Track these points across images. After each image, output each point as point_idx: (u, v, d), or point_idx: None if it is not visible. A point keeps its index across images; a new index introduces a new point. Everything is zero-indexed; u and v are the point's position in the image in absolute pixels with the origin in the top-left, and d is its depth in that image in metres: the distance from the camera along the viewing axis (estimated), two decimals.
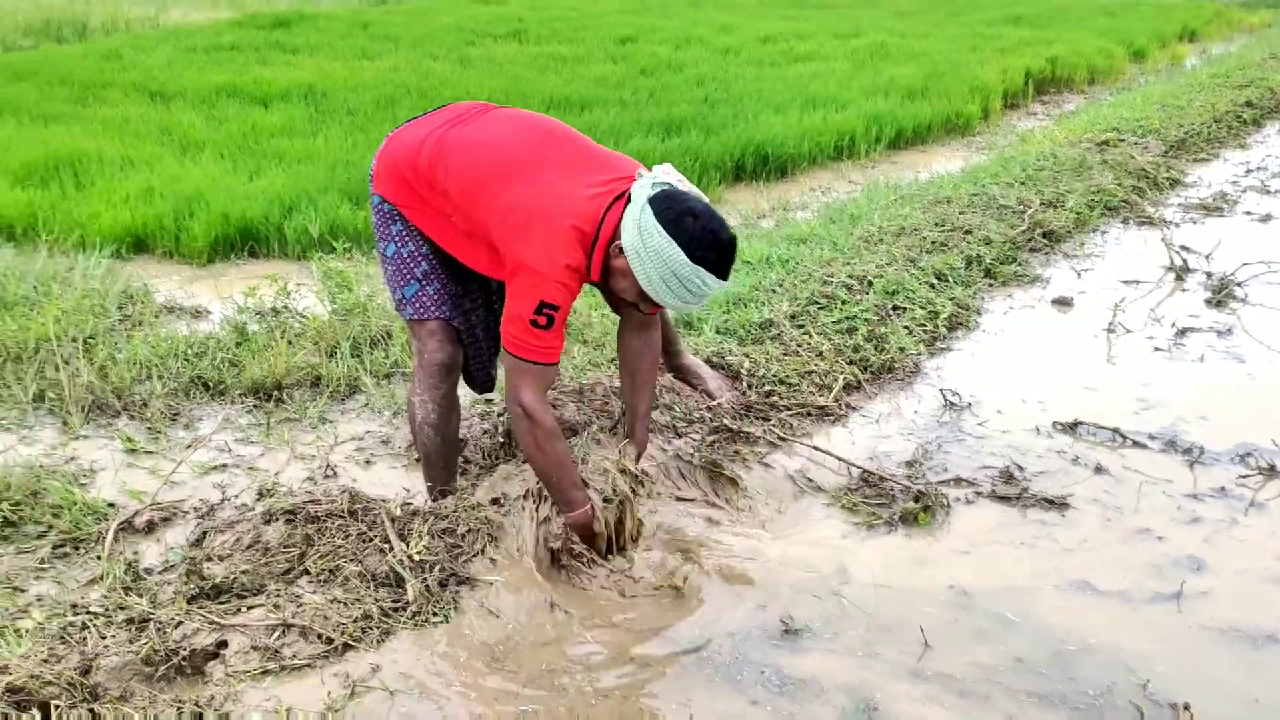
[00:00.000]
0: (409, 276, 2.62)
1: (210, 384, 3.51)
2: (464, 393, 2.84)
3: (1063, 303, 4.37)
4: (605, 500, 2.59)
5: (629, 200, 2.36)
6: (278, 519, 2.56)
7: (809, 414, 3.38)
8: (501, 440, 3.05)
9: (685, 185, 2.41)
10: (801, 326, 3.85)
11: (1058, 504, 2.87)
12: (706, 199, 2.40)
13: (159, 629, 2.16)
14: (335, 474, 3.03)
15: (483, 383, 2.88)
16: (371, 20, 12.65)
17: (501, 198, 2.38)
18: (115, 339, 3.74)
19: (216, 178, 5.59)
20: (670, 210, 2.29)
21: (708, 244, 2.30)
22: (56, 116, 7.04)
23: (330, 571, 2.38)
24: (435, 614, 2.29)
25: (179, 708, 1.97)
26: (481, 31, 11.73)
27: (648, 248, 2.28)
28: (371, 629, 2.24)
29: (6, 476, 2.81)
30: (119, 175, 5.60)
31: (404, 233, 2.61)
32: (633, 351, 2.72)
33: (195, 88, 8.01)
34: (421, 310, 2.63)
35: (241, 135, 6.62)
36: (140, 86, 8.09)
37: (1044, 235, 5.06)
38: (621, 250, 2.34)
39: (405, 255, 2.61)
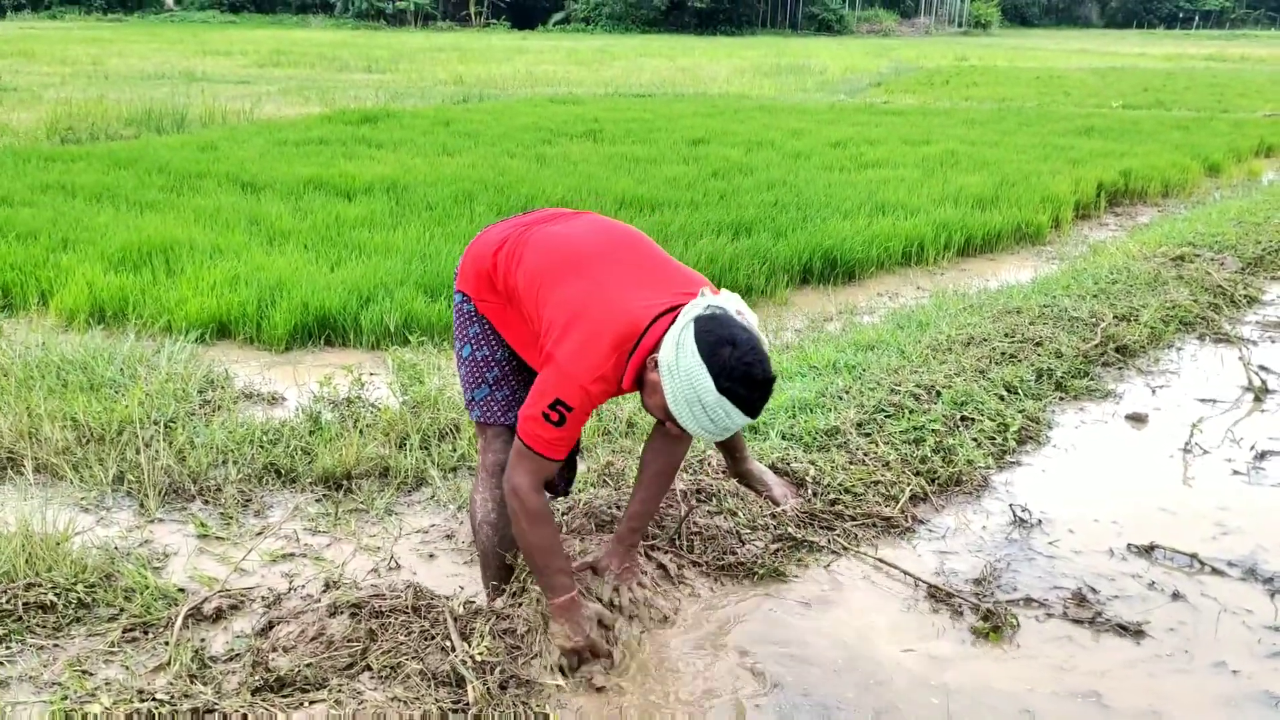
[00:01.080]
0: (480, 380, 2.69)
1: (282, 471, 3.59)
2: None
3: (1137, 419, 4.29)
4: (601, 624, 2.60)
5: (678, 316, 2.35)
6: (342, 612, 2.59)
7: (874, 525, 3.35)
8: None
9: (744, 317, 2.37)
10: (868, 435, 3.83)
11: (1132, 630, 2.79)
12: (758, 335, 2.35)
13: None
14: (399, 567, 3.06)
15: (562, 488, 2.90)
16: (453, 118, 13.13)
17: (558, 291, 2.42)
18: (195, 423, 3.86)
19: (299, 267, 5.79)
20: (711, 334, 2.26)
21: (738, 377, 2.24)
22: (152, 204, 7.37)
23: (392, 668, 2.39)
24: (496, 718, 2.28)
25: None
26: (558, 131, 12.09)
27: (680, 368, 2.25)
28: None
29: (83, 558, 2.89)
30: (208, 263, 5.82)
31: (480, 335, 2.69)
32: (651, 450, 2.79)
33: (284, 179, 8.35)
34: (488, 414, 2.69)
35: (325, 226, 6.86)
36: (233, 177, 8.46)
37: (1117, 350, 4.99)
38: (656, 365, 2.32)
39: (479, 359, 2.68)
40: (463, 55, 27.12)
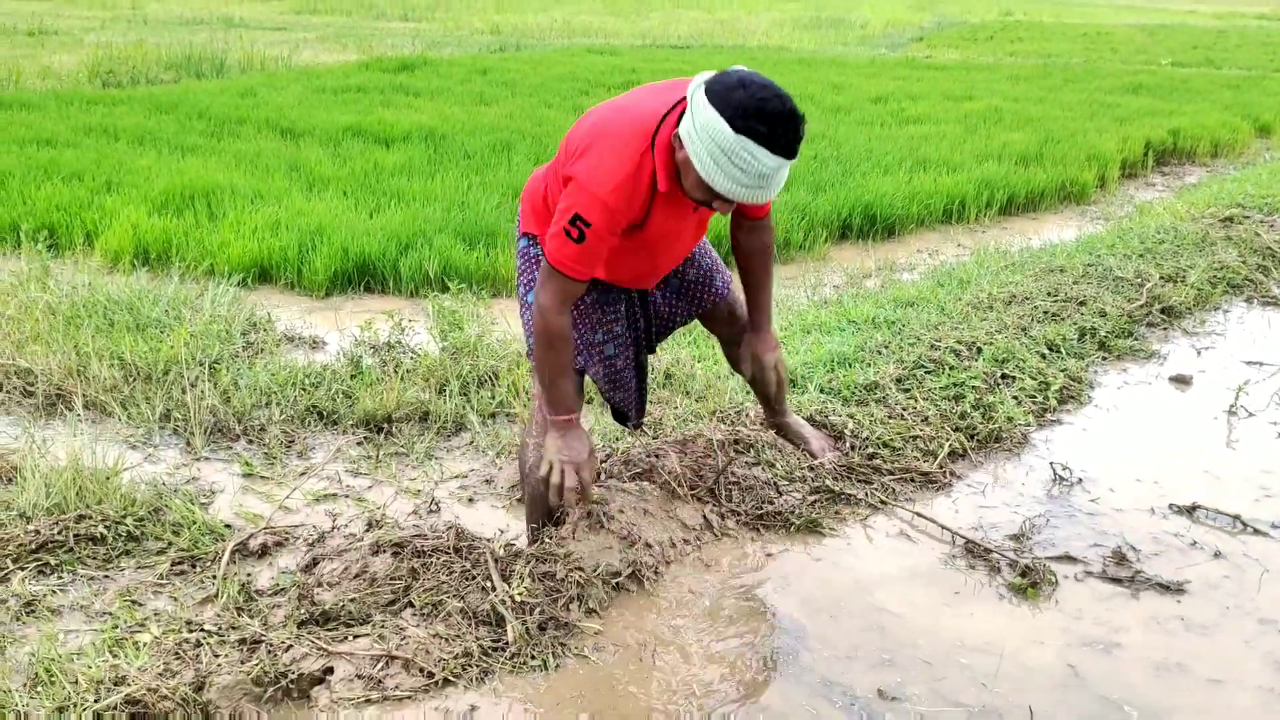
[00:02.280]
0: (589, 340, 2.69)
1: (325, 413, 3.64)
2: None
3: (1181, 381, 4.23)
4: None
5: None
6: (385, 551, 2.63)
7: (912, 479, 3.34)
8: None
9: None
10: (907, 390, 3.80)
11: (1173, 589, 2.77)
12: (774, 83, 2.24)
13: (269, 651, 2.23)
14: (439, 509, 3.10)
15: (636, 422, 2.94)
16: (490, 66, 13.05)
17: (580, 130, 2.40)
18: (239, 365, 3.90)
19: (339, 213, 5.81)
20: (720, 84, 2.19)
21: (753, 112, 2.14)
22: (194, 149, 7.42)
23: (433, 606, 2.43)
24: (533, 657, 2.32)
25: None
26: (595, 81, 11.99)
27: (697, 125, 2.17)
28: (471, 666, 2.28)
29: (132, 493, 2.95)
30: (249, 208, 5.86)
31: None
32: (741, 247, 2.82)
33: (323, 126, 8.36)
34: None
35: (364, 174, 6.88)
36: (272, 123, 8.48)
37: (1162, 310, 4.92)
38: (680, 142, 2.24)
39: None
40: (499, 3, 26.92)
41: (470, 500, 3.19)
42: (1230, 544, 3.00)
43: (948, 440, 3.50)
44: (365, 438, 3.52)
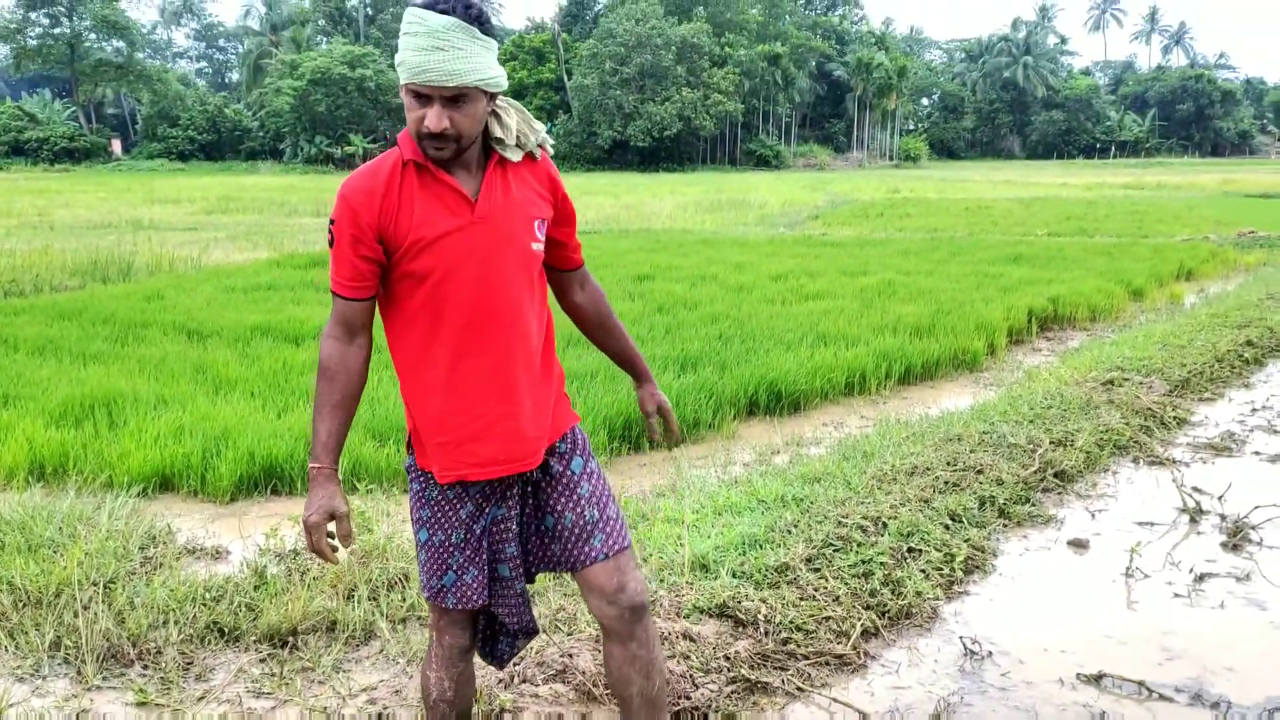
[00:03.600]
0: (444, 567, 2.35)
1: (226, 630, 3.52)
2: None
3: (1078, 545, 4.37)
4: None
5: None
6: None
7: (827, 662, 3.34)
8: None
9: None
10: (817, 570, 3.85)
11: None
12: None
13: None
14: None
15: (502, 652, 2.54)
16: None
17: None
18: (135, 583, 3.77)
19: (246, 415, 5.77)
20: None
21: None
22: (96, 356, 7.34)
23: None
24: None
25: None
26: None
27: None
28: None
29: None
30: (151, 414, 5.78)
31: (435, 514, 2.34)
32: (581, 307, 2.55)
33: (231, 326, 8.38)
34: (455, 598, 2.36)
35: (272, 373, 6.87)
36: (179, 325, 8.48)
37: (1055, 475, 5.11)
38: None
39: (437, 543, 2.35)
40: None
41: (380, 716, 3.09)
42: (1138, 712, 3.05)
43: (859, 620, 3.53)
44: (269, 654, 3.40)
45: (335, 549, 2.26)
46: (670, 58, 64.38)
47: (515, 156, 2.22)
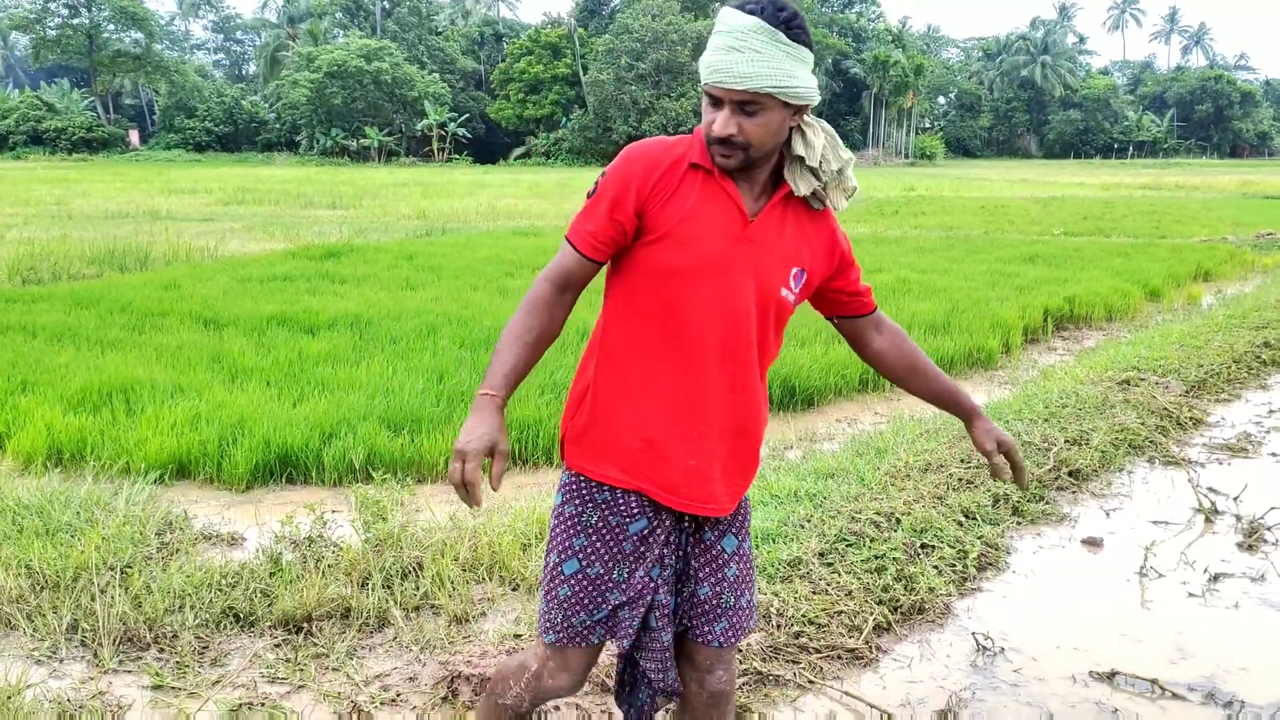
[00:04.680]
0: (598, 603, 2.14)
1: (241, 615, 3.54)
2: None
3: (1092, 543, 4.36)
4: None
5: None
6: None
7: (839, 656, 3.34)
8: None
9: None
10: (830, 565, 3.86)
11: None
12: None
13: None
14: (361, 714, 3.00)
15: (645, 705, 2.31)
16: (416, 251, 13.36)
17: None
18: (152, 568, 3.80)
19: (261, 404, 5.80)
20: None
21: None
22: (114, 343, 7.39)
23: None
24: None
25: None
26: (520, 263, 12.33)
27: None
28: None
29: (35, 713, 2.82)
30: (168, 402, 5.82)
31: (592, 541, 2.13)
32: (881, 351, 2.32)
33: (247, 316, 8.42)
34: (604, 632, 2.17)
35: (288, 363, 6.90)
36: (195, 314, 8.52)
37: (1070, 474, 5.10)
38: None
39: (593, 576, 2.13)
40: (425, 190, 27.71)
41: (394, 700, 3.11)
42: (1150, 710, 3.05)
43: (872, 614, 3.54)
44: (284, 639, 3.43)
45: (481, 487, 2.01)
46: (686, 54, 64.26)
47: (805, 189, 2.06)
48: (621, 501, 2.11)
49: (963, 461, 5.03)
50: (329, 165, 59.41)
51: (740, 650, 3.26)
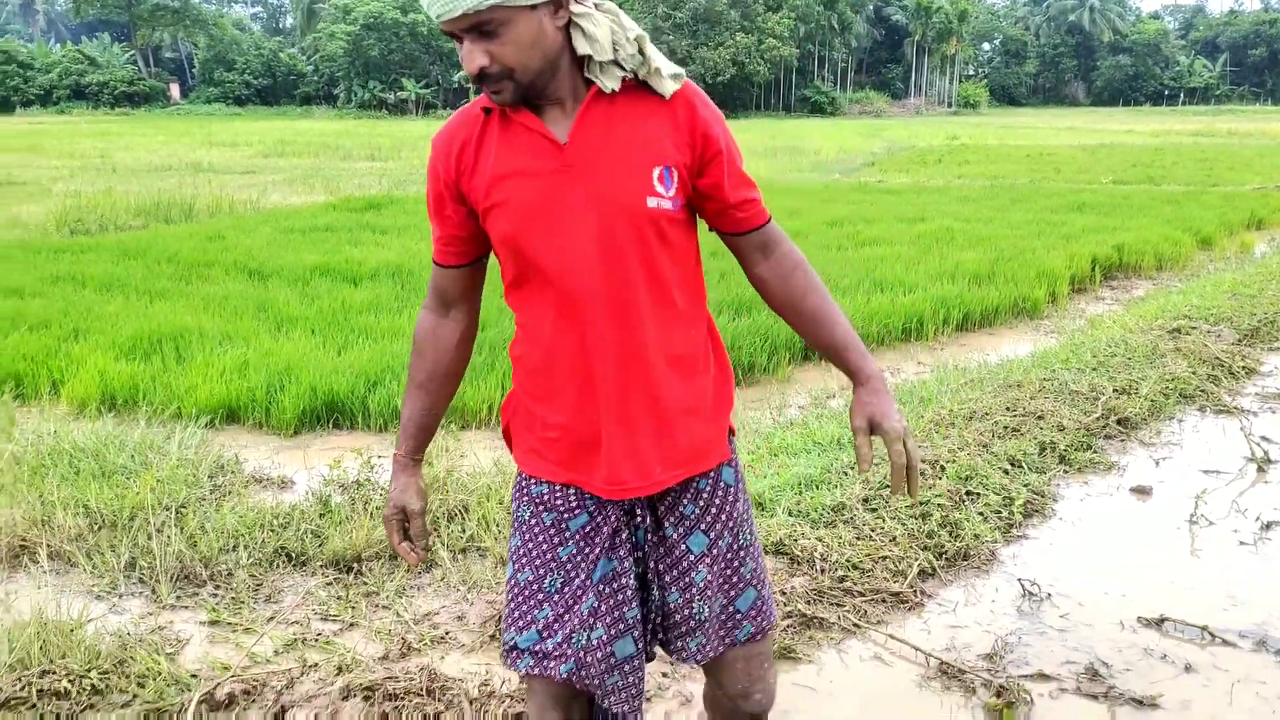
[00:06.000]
0: (528, 618, 1.87)
1: (293, 555, 3.61)
2: None
3: (1141, 491, 4.31)
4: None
5: None
6: (355, 695, 2.59)
7: (884, 600, 3.35)
8: None
9: None
10: (874, 511, 3.85)
11: (1146, 704, 2.78)
12: None
13: None
14: (411, 649, 3.06)
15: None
16: None
17: None
18: (205, 509, 3.89)
19: (307, 352, 5.87)
20: None
21: None
22: (162, 293, 7.49)
23: None
24: None
25: None
26: None
27: None
28: None
29: (97, 645, 2.90)
30: (217, 350, 5.91)
31: (525, 541, 1.90)
32: (770, 285, 1.89)
33: (291, 266, 8.49)
34: (537, 664, 1.87)
35: (332, 312, 6.97)
36: (240, 265, 8.61)
37: (1118, 422, 5.03)
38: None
39: (522, 583, 1.88)
40: None
41: (442, 639, 3.16)
42: (1199, 656, 3.03)
43: (916, 560, 3.53)
44: (335, 578, 3.49)
45: (411, 549, 1.95)
46: (724, 2, 63.28)
47: (613, 83, 1.69)
48: (560, 496, 1.86)
49: (1008, 410, 4.98)
50: (367, 118, 59.46)
51: (784, 594, 3.28)
